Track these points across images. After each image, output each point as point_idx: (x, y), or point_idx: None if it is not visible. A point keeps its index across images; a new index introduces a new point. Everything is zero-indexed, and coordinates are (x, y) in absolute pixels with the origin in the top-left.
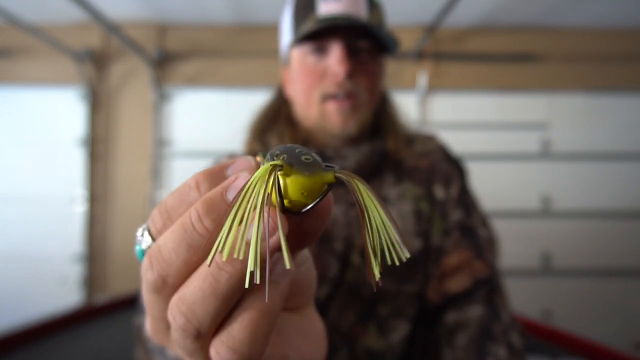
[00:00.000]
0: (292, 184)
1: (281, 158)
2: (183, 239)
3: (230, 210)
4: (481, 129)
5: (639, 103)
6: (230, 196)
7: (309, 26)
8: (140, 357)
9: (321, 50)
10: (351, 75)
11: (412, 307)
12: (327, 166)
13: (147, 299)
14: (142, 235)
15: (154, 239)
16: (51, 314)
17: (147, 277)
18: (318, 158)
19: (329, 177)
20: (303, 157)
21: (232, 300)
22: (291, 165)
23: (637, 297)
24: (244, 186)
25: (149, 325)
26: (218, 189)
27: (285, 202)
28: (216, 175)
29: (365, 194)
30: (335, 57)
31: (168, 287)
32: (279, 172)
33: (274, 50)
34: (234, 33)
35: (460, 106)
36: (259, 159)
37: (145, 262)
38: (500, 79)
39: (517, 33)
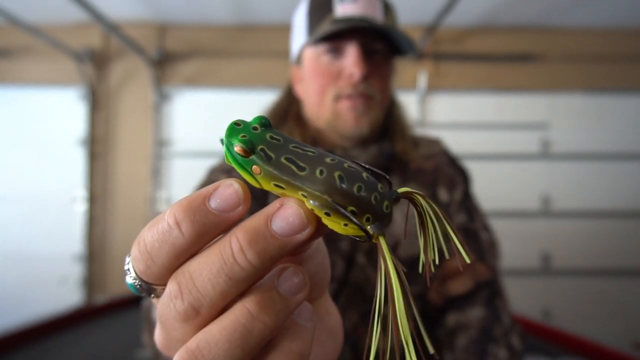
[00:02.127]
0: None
1: (366, 220)
2: (222, 271)
3: (277, 243)
4: (481, 129)
5: (639, 103)
6: (276, 228)
7: (326, 27)
8: (147, 341)
9: (336, 51)
10: (366, 76)
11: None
12: (381, 175)
13: (171, 324)
14: (129, 268)
15: (140, 278)
16: (51, 314)
17: (176, 306)
18: (385, 188)
19: (396, 202)
20: (385, 205)
21: (258, 348)
22: (384, 225)
23: (637, 297)
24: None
25: (161, 339)
26: (262, 217)
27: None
28: (198, 209)
29: (429, 204)
30: (351, 59)
31: (201, 318)
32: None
33: (274, 50)
34: (234, 33)
35: (460, 106)
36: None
37: (172, 289)
38: (500, 79)
39: (517, 33)
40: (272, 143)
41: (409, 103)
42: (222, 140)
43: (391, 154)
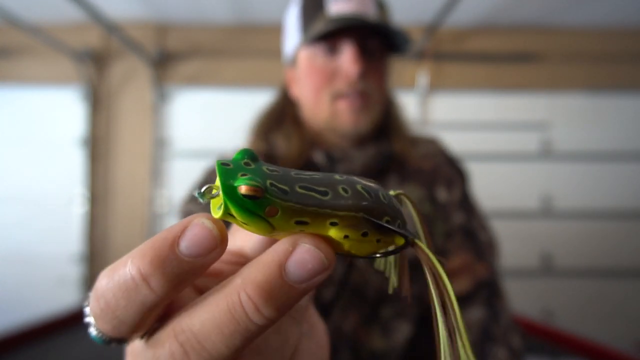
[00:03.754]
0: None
1: (398, 225)
2: (236, 332)
3: (295, 292)
4: (481, 128)
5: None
6: (294, 277)
7: (320, 26)
8: None
9: (332, 50)
10: (363, 74)
11: (414, 308)
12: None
13: None
14: (91, 322)
15: (106, 336)
16: (51, 314)
17: None
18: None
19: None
20: (401, 209)
21: None
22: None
23: (638, 297)
24: None
25: None
26: (274, 267)
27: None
28: (167, 260)
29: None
30: (347, 57)
31: None
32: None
33: (274, 50)
34: (234, 33)
35: (461, 106)
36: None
37: (175, 350)
38: (501, 78)
39: (518, 32)
40: (274, 175)
41: (410, 103)
42: (202, 194)
43: (389, 154)
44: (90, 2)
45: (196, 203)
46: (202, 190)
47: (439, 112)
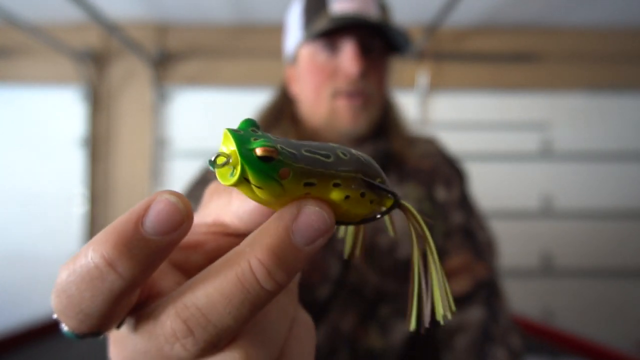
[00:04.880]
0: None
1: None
2: (245, 300)
3: (303, 255)
4: (481, 128)
5: None
6: (302, 238)
7: (322, 24)
8: None
9: (333, 48)
10: (364, 73)
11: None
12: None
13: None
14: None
15: (76, 333)
16: (51, 314)
17: (186, 346)
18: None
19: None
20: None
21: None
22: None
23: (639, 297)
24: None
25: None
26: (281, 230)
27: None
28: (133, 241)
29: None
30: (348, 55)
31: (218, 349)
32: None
33: (274, 50)
34: (234, 33)
35: (461, 106)
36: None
37: (177, 328)
38: (501, 78)
39: (519, 32)
40: (282, 141)
41: (410, 103)
42: (212, 162)
43: (387, 152)
44: (90, 2)
45: (193, 201)
46: (213, 158)
47: (439, 112)
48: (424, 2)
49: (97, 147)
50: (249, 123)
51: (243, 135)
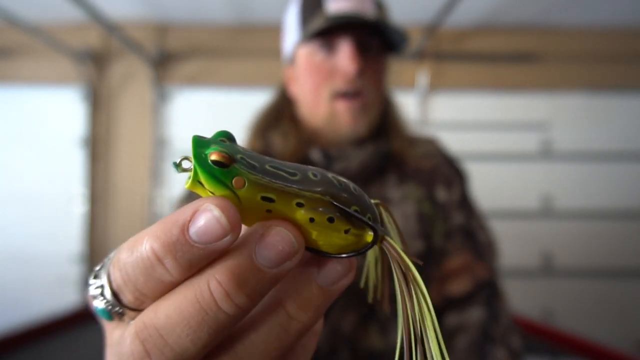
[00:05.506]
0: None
1: (368, 219)
2: (203, 323)
3: (263, 275)
4: (481, 128)
5: None
6: (265, 261)
7: (319, 23)
8: None
9: (330, 48)
10: (361, 72)
11: None
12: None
13: None
14: (102, 292)
15: (122, 304)
16: (51, 314)
17: None
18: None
19: (376, 239)
20: (373, 206)
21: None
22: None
23: (639, 297)
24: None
25: None
26: (244, 251)
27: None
28: (179, 245)
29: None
30: (345, 54)
31: None
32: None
33: (274, 50)
34: (234, 33)
35: (461, 106)
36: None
37: (135, 350)
38: (501, 78)
39: (519, 32)
40: (248, 153)
41: (410, 103)
42: (176, 164)
43: (387, 153)
44: (90, 2)
45: (190, 201)
46: (178, 160)
47: (439, 112)
48: (424, 2)
49: (97, 147)
50: (220, 134)
51: (206, 141)
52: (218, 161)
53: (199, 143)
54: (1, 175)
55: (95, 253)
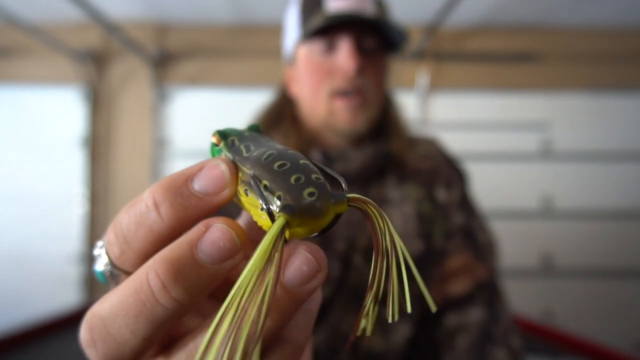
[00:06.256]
0: (300, 232)
1: (277, 198)
2: (141, 314)
3: (203, 270)
4: (482, 128)
5: None
6: (204, 256)
7: (318, 22)
8: None
9: (330, 47)
10: (361, 71)
11: (414, 308)
12: (334, 179)
13: None
14: (100, 254)
15: (113, 264)
16: (51, 314)
17: (91, 356)
18: (322, 179)
19: (342, 208)
20: (307, 191)
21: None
22: (297, 211)
23: (639, 297)
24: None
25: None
26: (185, 245)
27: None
28: (179, 191)
29: (384, 224)
30: (344, 52)
31: None
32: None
33: (274, 50)
34: (234, 33)
35: (461, 106)
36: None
37: (84, 337)
38: (501, 78)
39: (519, 32)
40: (245, 136)
41: (410, 103)
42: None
43: (387, 153)
44: (90, 2)
45: None
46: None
47: (439, 112)
48: (424, 2)
49: (97, 147)
50: (252, 126)
51: (228, 131)
52: (213, 142)
53: (224, 129)
54: (1, 175)
55: None
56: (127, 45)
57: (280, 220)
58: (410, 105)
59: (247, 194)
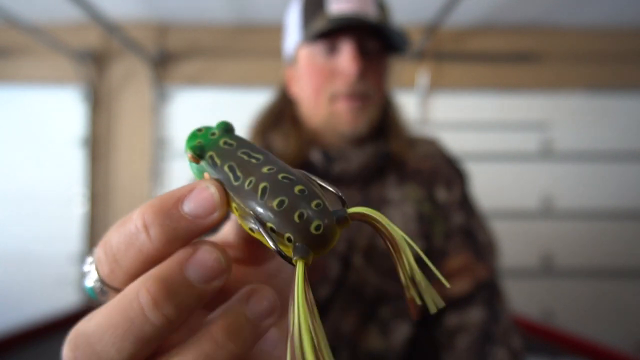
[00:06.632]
0: (314, 258)
1: (287, 239)
2: (129, 332)
3: (192, 289)
4: (482, 128)
5: None
6: (193, 275)
7: (320, 25)
8: None
9: (332, 49)
10: (362, 74)
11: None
12: (338, 196)
13: None
14: (90, 271)
15: (102, 281)
16: (51, 314)
17: None
18: (322, 203)
19: (345, 225)
20: (314, 225)
21: None
22: (311, 249)
23: (639, 297)
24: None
25: None
26: (175, 264)
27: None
28: (169, 213)
29: (390, 227)
30: (346, 56)
31: None
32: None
33: (274, 50)
34: (234, 33)
35: (461, 106)
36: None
37: (68, 354)
38: (501, 78)
39: (519, 32)
40: (223, 149)
41: (410, 103)
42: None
43: (387, 154)
44: (90, 2)
45: None
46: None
47: (439, 112)
48: (424, 2)
49: (97, 147)
50: (220, 125)
51: (197, 135)
52: (190, 159)
53: (189, 138)
54: (1, 175)
55: None
56: (127, 45)
57: (301, 266)
58: (410, 105)
59: (253, 232)
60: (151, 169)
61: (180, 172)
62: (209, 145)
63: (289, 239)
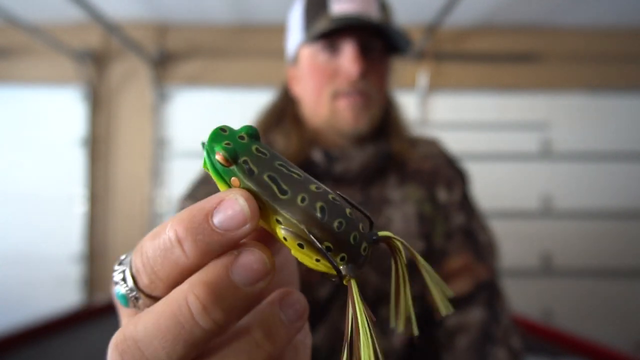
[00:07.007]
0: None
1: (340, 259)
2: (179, 337)
3: (238, 292)
4: (481, 128)
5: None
6: (239, 278)
7: (323, 25)
8: None
9: (334, 49)
10: (364, 74)
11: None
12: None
13: None
14: (124, 278)
15: (140, 290)
16: (51, 314)
17: None
18: (366, 227)
19: (376, 246)
20: (363, 247)
21: None
22: (361, 268)
23: (638, 297)
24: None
25: None
26: (221, 268)
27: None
28: (200, 228)
29: (411, 252)
30: (348, 56)
31: None
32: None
33: (274, 50)
34: (234, 33)
35: (461, 106)
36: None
37: (114, 356)
38: (501, 78)
39: (519, 32)
40: (257, 156)
41: (410, 103)
42: (203, 144)
43: (388, 154)
44: (90, 2)
45: (193, 201)
46: (202, 143)
47: (439, 112)
48: (424, 2)
49: (97, 147)
50: (245, 129)
51: (223, 135)
52: (220, 161)
53: (215, 137)
54: (1, 176)
55: (95, 253)
56: (127, 45)
57: (355, 285)
58: (410, 105)
59: (301, 247)
60: (151, 169)
61: (180, 172)
62: (242, 149)
63: (342, 258)
